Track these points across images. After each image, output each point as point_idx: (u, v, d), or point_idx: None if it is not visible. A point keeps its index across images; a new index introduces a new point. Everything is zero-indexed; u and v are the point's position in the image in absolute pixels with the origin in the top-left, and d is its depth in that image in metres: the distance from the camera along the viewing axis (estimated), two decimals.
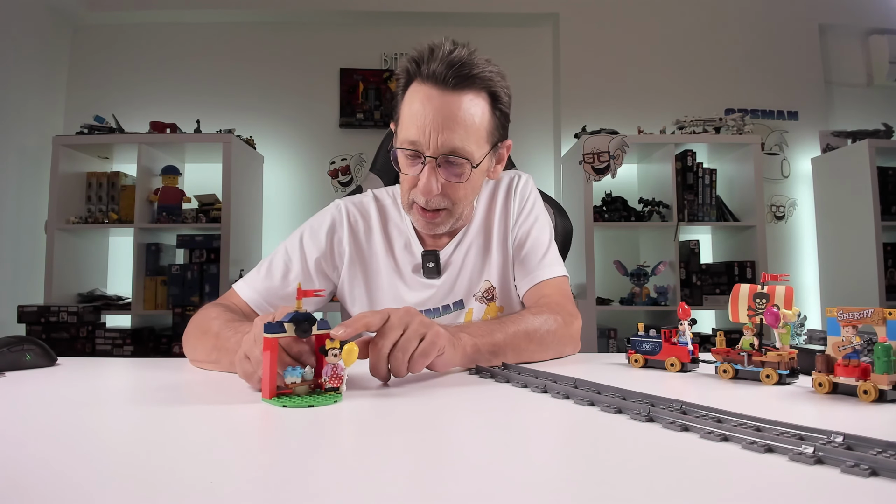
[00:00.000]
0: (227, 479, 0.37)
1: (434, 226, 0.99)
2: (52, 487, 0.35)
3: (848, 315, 0.59)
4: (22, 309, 2.65)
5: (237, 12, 3.29)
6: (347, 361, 0.60)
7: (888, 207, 2.89)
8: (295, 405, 0.56)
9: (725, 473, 0.38)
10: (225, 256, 2.78)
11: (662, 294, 2.86)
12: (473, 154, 0.93)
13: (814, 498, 0.34)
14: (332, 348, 0.60)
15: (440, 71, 0.90)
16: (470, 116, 0.92)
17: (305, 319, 0.60)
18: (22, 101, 2.95)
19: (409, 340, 0.67)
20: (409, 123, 0.93)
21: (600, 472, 0.38)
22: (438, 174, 0.93)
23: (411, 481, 0.37)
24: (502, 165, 1.07)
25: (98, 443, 0.45)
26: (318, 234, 1.07)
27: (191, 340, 0.89)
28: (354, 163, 3.29)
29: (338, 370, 0.60)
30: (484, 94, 0.94)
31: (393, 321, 0.68)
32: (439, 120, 0.90)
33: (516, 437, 0.47)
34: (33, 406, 0.60)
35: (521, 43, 3.41)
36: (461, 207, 0.99)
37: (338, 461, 0.42)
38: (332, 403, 0.58)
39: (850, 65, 3.44)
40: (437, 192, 0.93)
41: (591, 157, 2.84)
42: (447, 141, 0.90)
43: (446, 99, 0.91)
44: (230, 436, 0.49)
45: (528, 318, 0.89)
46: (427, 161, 0.92)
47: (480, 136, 0.94)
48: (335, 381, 0.60)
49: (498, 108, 0.98)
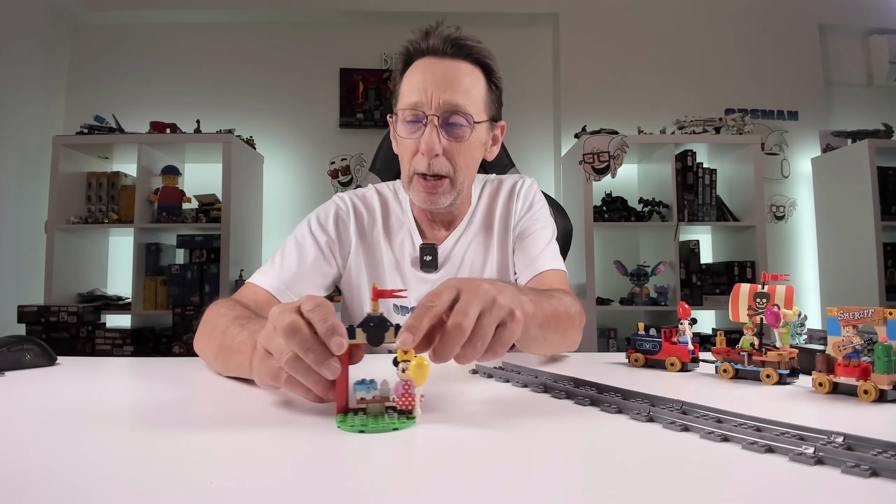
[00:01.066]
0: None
1: (435, 197, 0.98)
2: (52, 487, 0.35)
3: (848, 315, 0.59)
4: (22, 309, 2.65)
5: (237, 12, 3.29)
6: (418, 380, 0.49)
7: (888, 207, 2.89)
8: (375, 429, 0.46)
9: (725, 473, 0.38)
10: (225, 256, 2.79)
11: (662, 294, 2.86)
12: (473, 116, 0.95)
13: (814, 498, 0.34)
14: (404, 360, 0.49)
15: (437, 44, 0.96)
16: (469, 81, 0.95)
17: (378, 324, 0.50)
18: (22, 101, 2.95)
19: (488, 328, 0.54)
20: (410, 90, 0.95)
21: (600, 472, 0.38)
22: (440, 134, 0.93)
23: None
24: (498, 147, 1.08)
25: (98, 443, 0.45)
26: (326, 222, 1.07)
27: (199, 341, 0.81)
28: (354, 163, 3.29)
29: (410, 388, 0.49)
30: (478, 67, 0.98)
31: (468, 299, 0.54)
32: (440, 81, 0.93)
33: (516, 437, 0.47)
34: (33, 406, 0.60)
35: (521, 43, 3.41)
36: (462, 177, 0.98)
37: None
38: (410, 426, 0.48)
39: (850, 65, 3.44)
40: (439, 150, 0.93)
41: (591, 157, 2.84)
42: (449, 99, 0.92)
43: (445, 63, 0.95)
44: (244, 452, 0.47)
45: (559, 296, 0.82)
46: (429, 119, 0.93)
47: (478, 102, 0.97)
48: (407, 402, 0.49)
49: (492, 82, 1.00)
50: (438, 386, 0.67)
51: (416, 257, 1.06)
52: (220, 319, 0.75)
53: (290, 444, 0.46)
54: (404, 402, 0.49)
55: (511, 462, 0.41)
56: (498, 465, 0.40)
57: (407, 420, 0.48)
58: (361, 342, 0.50)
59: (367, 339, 0.50)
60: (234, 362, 0.67)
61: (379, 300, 0.52)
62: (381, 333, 0.50)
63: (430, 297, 0.53)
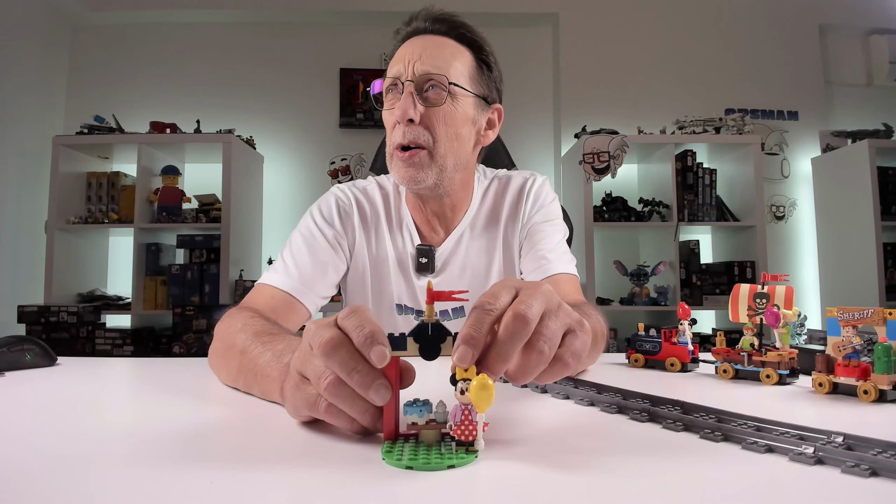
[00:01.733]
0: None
1: (414, 171, 0.90)
2: (52, 487, 0.35)
3: (848, 315, 0.59)
4: (22, 309, 2.65)
5: (237, 12, 3.29)
6: (480, 405, 0.38)
7: (888, 207, 2.89)
8: (427, 466, 0.37)
9: (725, 473, 0.38)
10: (225, 256, 2.78)
11: (662, 294, 2.86)
12: (451, 78, 0.90)
13: (814, 498, 0.34)
14: (465, 379, 0.39)
15: (421, 23, 0.95)
16: (449, 52, 0.92)
17: (436, 333, 0.40)
18: (22, 101, 2.95)
19: (556, 331, 0.43)
20: (392, 66, 0.92)
21: (600, 472, 0.38)
22: (417, 101, 0.89)
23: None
24: (495, 132, 1.01)
25: (98, 443, 0.45)
26: (330, 215, 1.02)
27: (215, 359, 0.72)
28: (354, 163, 3.28)
29: (472, 415, 0.39)
30: (465, 45, 0.95)
31: (531, 294, 0.43)
32: (419, 51, 0.91)
33: (515, 437, 0.47)
34: (33, 406, 0.60)
35: (521, 43, 3.41)
36: (442, 149, 0.90)
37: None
38: (470, 462, 0.38)
39: (850, 65, 3.44)
40: (413, 115, 0.87)
41: (591, 157, 2.84)
42: (426, 65, 0.89)
43: (428, 37, 0.94)
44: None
45: (591, 311, 0.74)
46: (405, 87, 0.89)
47: (460, 72, 0.92)
48: (467, 431, 0.39)
49: (481, 59, 0.97)
50: (497, 406, 0.50)
51: (413, 257, 1.01)
52: (237, 336, 0.67)
53: (321, 481, 0.36)
54: (464, 431, 0.39)
55: (511, 461, 0.39)
56: (498, 465, 0.39)
57: (466, 455, 0.39)
58: (413, 355, 0.40)
59: (420, 352, 0.40)
60: (258, 388, 0.59)
61: (392, 303, 0.46)
62: (437, 345, 0.40)
63: (487, 297, 0.42)
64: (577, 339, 0.45)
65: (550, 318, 0.43)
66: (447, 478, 0.36)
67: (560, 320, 0.43)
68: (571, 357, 0.44)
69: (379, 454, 0.40)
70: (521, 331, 0.40)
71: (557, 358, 0.43)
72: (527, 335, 0.41)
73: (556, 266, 0.97)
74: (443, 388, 0.44)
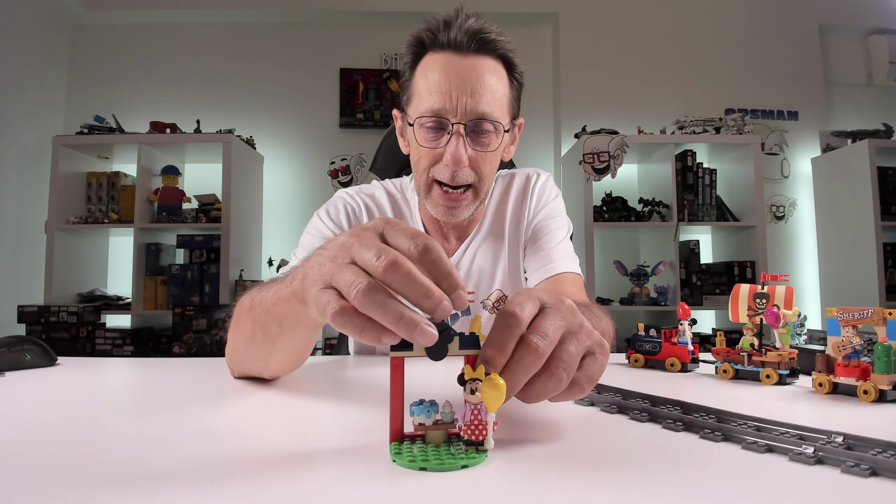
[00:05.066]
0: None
1: (457, 210, 0.90)
2: (52, 487, 0.35)
3: (848, 315, 0.59)
4: (22, 309, 2.65)
5: (237, 12, 3.29)
6: (491, 404, 0.38)
7: (888, 207, 2.89)
8: (441, 467, 0.37)
9: (725, 473, 0.38)
10: (225, 256, 2.79)
11: (662, 294, 2.86)
12: (502, 123, 0.88)
13: (814, 498, 0.34)
14: (474, 379, 0.39)
15: (460, 38, 0.86)
16: (494, 82, 0.87)
17: (444, 334, 0.39)
18: (22, 101, 2.95)
19: (575, 356, 0.42)
20: (430, 92, 0.86)
21: (600, 472, 0.38)
22: (468, 144, 0.86)
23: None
24: (515, 146, 1.00)
25: (98, 443, 0.45)
26: (338, 217, 0.99)
27: (229, 341, 0.69)
28: (354, 163, 3.29)
29: (482, 414, 0.39)
30: (501, 62, 0.90)
31: (552, 317, 0.42)
32: (466, 85, 0.84)
33: (516, 437, 0.47)
34: (33, 406, 0.60)
35: (521, 43, 3.35)
36: (485, 186, 0.91)
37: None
38: (481, 462, 0.38)
39: (850, 65, 3.45)
40: (466, 162, 0.86)
41: (591, 157, 2.84)
42: (476, 106, 0.85)
43: (469, 63, 0.86)
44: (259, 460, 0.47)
45: (600, 313, 0.75)
46: (455, 128, 0.85)
47: (503, 104, 0.89)
48: (477, 432, 0.39)
49: (514, 78, 0.93)
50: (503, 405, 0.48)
51: None
52: (243, 305, 0.64)
53: (334, 480, 0.36)
54: (473, 431, 0.39)
55: (510, 462, 0.40)
56: (498, 464, 0.39)
57: (477, 455, 0.38)
58: (420, 355, 0.39)
59: (428, 353, 0.39)
60: (274, 319, 0.53)
61: None
62: (444, 346, 0.39)
63: (514, 305, 0.41)
64: (595, 363, 0.44)
65: (571, 343, 0.42)
66: (461, 478, 0.37)
67: (581, 343, 0.43)
68: (588, 382, 0.43)
69: (387, 455, 0.40)
70: (532, 364, 0.40)
71: (574, 382, 0.43)
72: (537, 366, 0.40)
73: (560, 265, 0.97)
74: (448, 389, 0.44)
